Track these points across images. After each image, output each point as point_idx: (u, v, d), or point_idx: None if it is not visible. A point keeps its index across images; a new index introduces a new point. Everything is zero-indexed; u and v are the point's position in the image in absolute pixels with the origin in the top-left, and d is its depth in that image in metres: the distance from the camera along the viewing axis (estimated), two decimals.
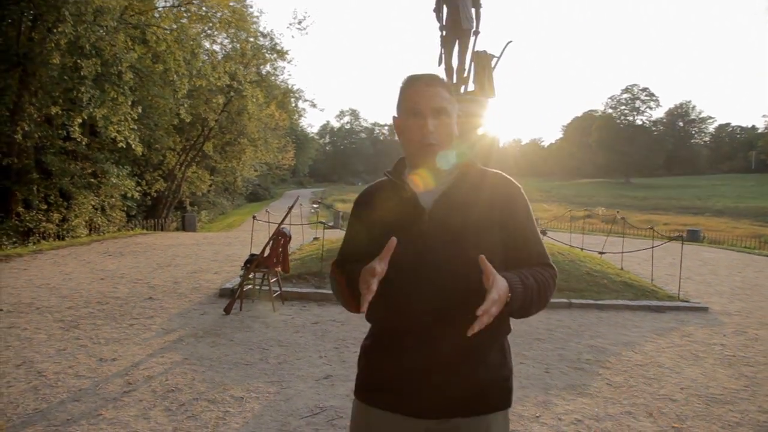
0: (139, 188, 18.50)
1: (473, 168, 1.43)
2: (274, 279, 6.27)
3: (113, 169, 17.22)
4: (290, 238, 6.19)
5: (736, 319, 6.21)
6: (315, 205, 35.29)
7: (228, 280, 7.61)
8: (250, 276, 6.33)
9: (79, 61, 11.38)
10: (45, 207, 15.70)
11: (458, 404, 1.33)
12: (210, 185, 29.76)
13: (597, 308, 6.46)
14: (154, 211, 24.68)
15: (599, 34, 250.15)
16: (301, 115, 44.02)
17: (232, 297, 6.18)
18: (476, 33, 8.65)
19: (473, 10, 8.61)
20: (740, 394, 3.92)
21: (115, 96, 13.07)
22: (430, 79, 1.39)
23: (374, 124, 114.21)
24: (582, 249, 9.42)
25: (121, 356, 4.51)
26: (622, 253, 8.91)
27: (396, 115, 1.45)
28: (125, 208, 20.24)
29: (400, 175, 1.47)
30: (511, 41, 8.70)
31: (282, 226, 6.09)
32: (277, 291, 6.30)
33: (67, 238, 15.06)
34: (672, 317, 6.19)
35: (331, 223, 19.54)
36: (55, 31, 10.27)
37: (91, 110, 12.10)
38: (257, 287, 6.53)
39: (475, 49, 8.68)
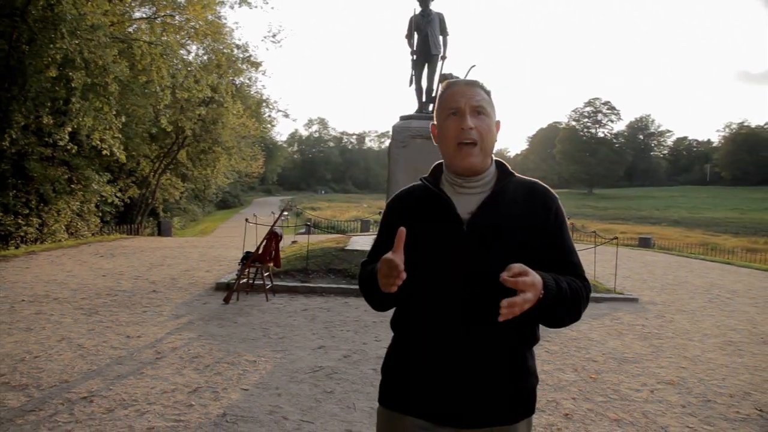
0: (119, 194, 19.01)
1: (511, 176, 1.42)
2: (267, 273, 7.16)
3: (94, 176, 17.80)
4: (281, 237, 7.10)
5: (660, 307, 7.36)
6: (285, 213, 36.07)
7: (221, 277, 8.44)
8: (246, 270, 7.19)
9: (70, 73, 12.03)
10: (26, 211, 16.18)
11: (487, 413, 1.33)
12: (182, 192, 30.25)
13: None
14: (126, 216, 25.09)
15: (564, 48, 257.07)
16: (273, 125, 44.60)
17: (228, 289, 7.05)
18: (443, 58, 9.72)
19: (441, 38, 9.69)
20: (646, 357, 5.01)
21: (101, 106, 13.71)
22: (470, 81, 1.40)
23: (342, 133, 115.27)
24: None
25: (144, 334, 5.34)
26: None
27: (434, 122, 1.45)
28: (100, 214, 20.71)
29: (437, 181, 1.45)
30: (474, 65, 9.77)
31: (274, 227, 6.99)
32: (269, 284, 7.18)
33: (46, 242, 15.57)
34: (607, 306, 7.31)
35: (302, 230, 20.32)
36: (52, 46, 10.94)
37: (81, 119, 12.73)
38: (251, 281, 7.38)
39: (443, 72, 9.74)
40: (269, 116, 33.68)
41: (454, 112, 1.35)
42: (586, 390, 4.11)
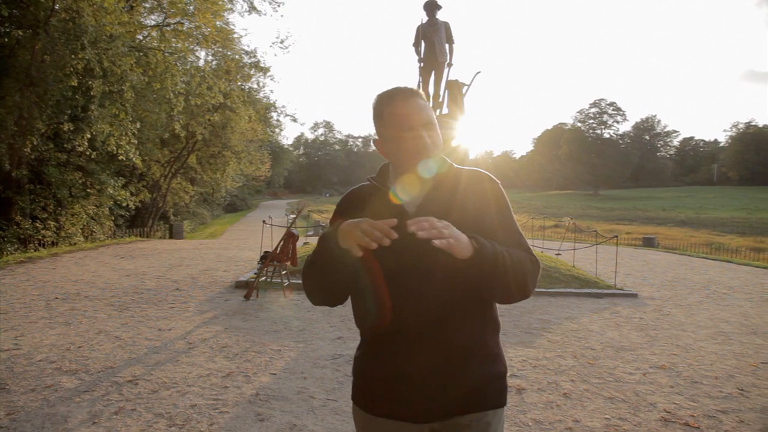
0: (132, 198, 19.50)
1: (451, 170, 1.45)
2: (285, 272, 7.57)
3: (109, 180, 18.32)
4: (298, 237, 7.51)
5: (658, 302, 7.71)
6: (292, 215, 36.53)
7: (239, 275, 8.86)
8: (264, 269, 7.60)
9: (90, 81, 12.52)
10: (45, 215, 16.71)
11: (454, 404, 1.35)
12: (192, 196, 30.79)
13: (548, 295, 7.89)
14: (137, 220, 25.61)
15: (569, 49, 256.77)
16: (281, 129, 45.18)
17: (248, 287, 7.46)
18: (449, 65, 10.12)
19: (447, 46, 10.09)
20: (641, 345, 5.38)
21: (117, 113, 14.19)
22: (408, 94, 1.40)
23: (348, 136, 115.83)
24: (542, 251, 10.90)
25: (174, 327, 5.76)
26: (573, 250, 10.45)
27: (379, 133, 1.45)
28: (113, 218, 21.24)
29: (385, 181, 1.48)
30: (479, 72, 10.16)
31: (291, 228, 7.41)
32: (287, 282, 7.58)
33: (63, 245, 16.07)
34: (607, 301, 7.67)
35: (311, 232, 20.73)
36: (73, 56, 11.42)
37: (99, 126, 13.20)
38: (269, 279, 7.79)
39: (449, 79, 10.15)
40: (277, 120, 34.16)
41: (409, 128, 1.36)
42: (584, 373, 4.49)
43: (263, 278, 7.53)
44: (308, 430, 3.33)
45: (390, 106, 1.39)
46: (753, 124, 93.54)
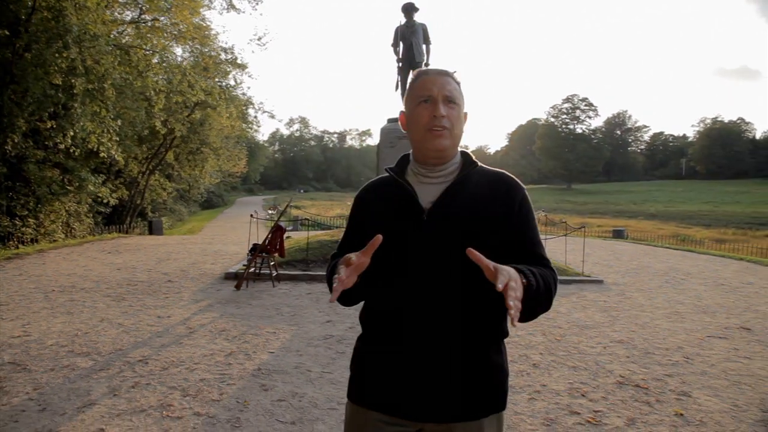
0: (114, 195, 19.60)
1: (474, 166, 1.41)
2: (273, 263, 7.97)
3: (90, 177, 18.40)
4: (285, 230, 7.91)
5: (621, 287, 8.32)
6: (271, 211, 36.72)
7: (227, 268, 9.22)
8: (254, 260, 7.98)
9: (73, 80, 12.68)
10: (24, 213, 16.76)
11: (454, 407, 1.31)
12: (170, 193, 30.82)
13: None
14: (114, 217, 25.61)
15: (542, 45, 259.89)
16: (259, 126, 45.33)
17: (237, 278, 7.85)
18: (427, 65, 10.58)
19: (424, 47, 10.57)
20: (604, 324, 5.95)
21: (98, 110, 14.35)
22: (441, 71, 1.40)
23: (324, 132, 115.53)
24: None
25: (173, 315, 6.13)
26: (545, 239, 10.99)
27: (405, 106, 1.44)
28: (90, 215, 21.28)
29: (402, 172, 1.45)
30: (455, 71, 10.64)
31: (279, 221, 7.81)
32: (275, 272, 7.99)
33: (43, 242, 16.16)
34: (575, 286, 8.25)
35: (290, 227, 21.05)
36: (57, 55, 11.59)
37: (82, 124, 13.37)
38: (258, 270, 8.17)
39: None
40: (254, 117, 34.33)
41: (426, 99, 1.35)
42: (551, 348, 5.01)
43: (252, 269, 7.91)
44: (309, 397, 3.77)
45: (420, 77, 1.40)
46: (719, 119, 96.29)
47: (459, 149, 1.44)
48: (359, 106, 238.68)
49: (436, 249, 1.29)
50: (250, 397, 3.76)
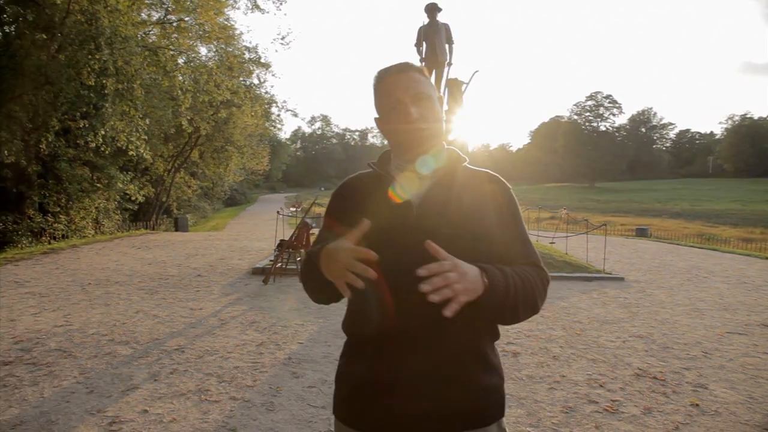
0: (141, 192, 20.10)
1: (462, 165, 1.37)
2: (299, 258, 8.19)
3: (119, 175, 18.91)
4: (311, 227, 8.14)
5: (642, 285, 8.38)
6: (293, 209, 37.17)
7: (254, 263, 9.48)
8: (280, 256, 8.22)
9: (104, 80, 13.09)
10: (57, 209, 17.32)
11: (449, 420, 1.24)
12: (194, 190, 31.41)
13: None
14: (140, 214, 26.20)
15: (565, 42, 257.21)
16: (282, 124, 45.80)
17: (265, 273, 8.09)
18: (449, 64, 10.72)
19: (447, 46, 10.70)
20: (624, 320, 6.04)
21: (127, 110, 14.77)
22: (401, 67, 1.32)
23: (345, 130, 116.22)
24: (537, 239, 11.55)
25: (204, 307, 6.39)
26: (567, 237, 11.10)
27: (377, 115, 1.38)
28: (118, 211, 21.86)
29: (386, 167, 1.40)
30: (477, 71, 10.76)
31: (305, 218, 8.04)
32: None
33: (73, 237, 16.68)
34: (596, 284, 8.32)
35: (314, 225, 21.31)
36: (90, 57, 12.00)
37: (113, 123, 13.78)
38: (284, 265, 8.41)
39: (449, 77, 10.76)
40: (278, 116, 34.70)
41: (395, 104, 1.29)
42: (571, 341, 5.14)
43: (279, 264, 8.15)
44: None
45: (381, 81, 1.34)
46: (748, 116, 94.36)
47: (445, 146, 1.40)
48: None
49: (424, 248, 1.18)
50: (282, 383, 3.97)
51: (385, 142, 1.44)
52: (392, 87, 1.30)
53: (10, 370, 4.17)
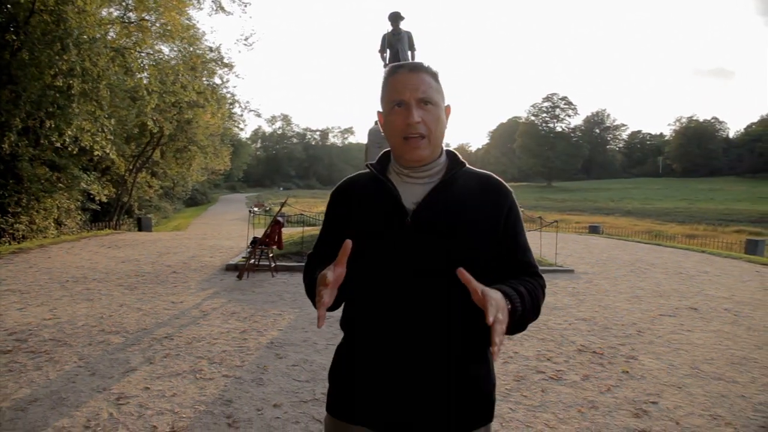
0: (105, 192, 20.02)
1: (461, 166, 1.35)
2: (271, 255, 8.62)
3: (82, 175, 18.83)
4: (283, 224, 8.57)
5: (590, 276, 9.14)
6: (256, 209, 37.25)
7: (226, 260, 9.84)
8: (254, 252, 8.62)
9: (70, 80, 13.16)
10: (18, 210, 17.17)
11: (440, 420, 1.26)
12: (156, 190, 31.22)
13: None
14: (100, 215, 25.94)
15: (523, 44, 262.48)
16: (246, 124, 45.71)
17: (238, 270, 8.49)
18: None
19: (410, 53, 11.28)
20: (571, 306, 6.73)
21: (93, 110, 14.83)
22: (414, 66, 1.31)
23: (306, 129, 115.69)
24: None
25: (185, 301, 6.76)
26: None
27: (380, 110, 1.36)
28: (81, 212, 21.68)
29: (384, 169, 1.38)
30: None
31: (277, 216, 8.47)
32: (273, 264, 8.64)
33: (35, 238, 16.59)
34: (548, 276, 9.01)
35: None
36: (57, 58, 12.08)
37: (78, 123, 13.85)
38: (257, 261, 8.81)
39: None
40: (241, 116, 34.76)
41: (399, 104, 1.27)
42: None
43: (252, 260, 8.55)
44: (318, 363, 4.45)
45: (392, 76, 1.32)
46: (695, 119, 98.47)
47: (444, 148, 1.40)
48: (342, 103, 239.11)
49: (420, 253, 1.23)
50: (267, 363, 4.44)
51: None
52: (401, 85, 1.28)
53: (11, 357, 4.50)
